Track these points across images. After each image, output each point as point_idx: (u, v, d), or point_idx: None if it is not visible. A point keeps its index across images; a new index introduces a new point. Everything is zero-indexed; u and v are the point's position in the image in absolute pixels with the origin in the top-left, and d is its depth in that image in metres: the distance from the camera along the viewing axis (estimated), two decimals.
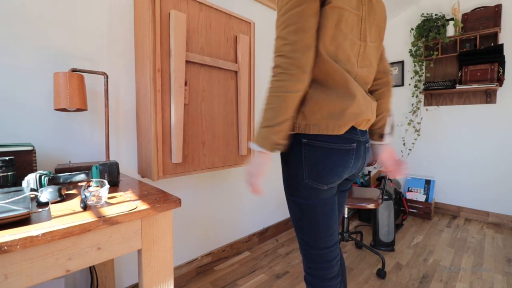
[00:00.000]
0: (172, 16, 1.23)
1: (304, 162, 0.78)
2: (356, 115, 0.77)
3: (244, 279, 1.69)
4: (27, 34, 1.07)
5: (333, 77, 0.75)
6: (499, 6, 2.51)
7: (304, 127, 0.77)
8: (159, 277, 0.76)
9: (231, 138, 1.60)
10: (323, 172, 0.77)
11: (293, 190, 0.81)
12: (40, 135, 1.12)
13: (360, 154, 0.83)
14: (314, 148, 0.76)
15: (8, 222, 0.54)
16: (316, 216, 0.80)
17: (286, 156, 0.83)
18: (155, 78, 1.21)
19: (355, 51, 0.79)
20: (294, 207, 0.83)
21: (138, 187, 0.91)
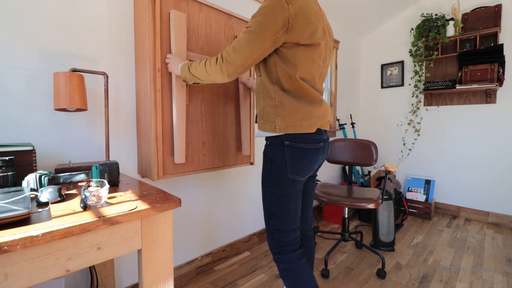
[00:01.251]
0: (172, 16, 1.23)
1: (287, 161, 0.98)
2: (321, 118, 1.01)
3: (244, 279, 1.69)
4: (27, 34, 1.07)
5: (303, 90, 0.98)
6: (499, 6, 2.51)
7: (284, 128, 0.97)
8: (159, 277, 0.76)
9: (232, 137, 1.60)
10: (302, 167, 0.99)
11: (275, 184, 1.00)
12: (40, 135, 1.12)
13: (325, 150, 1.08)
14: (295, 149, 0.98)
15: (8, 222, 0.54)
16: (289, 203, 1.01)
17: (272, 156, 1.01)
18: (155, 78, 1.21)
19: (318, 72, 1.02)
20: (271, 197, 1.02)
21: (138, 187, 0.90)
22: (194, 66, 1.06)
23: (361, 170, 3.23)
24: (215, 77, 1.01)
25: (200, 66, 1.04)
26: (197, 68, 1.05)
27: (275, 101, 0.98)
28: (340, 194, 1.87)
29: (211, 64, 1.00)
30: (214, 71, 0.99)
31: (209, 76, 1.02)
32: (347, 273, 1.78)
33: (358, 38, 3.46)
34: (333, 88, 3.05)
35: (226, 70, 0.96)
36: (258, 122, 1.06)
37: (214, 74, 1.00)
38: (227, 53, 0.95)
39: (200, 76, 1.05)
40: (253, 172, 2.12)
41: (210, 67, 1.00)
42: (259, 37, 0.90)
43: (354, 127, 3.32)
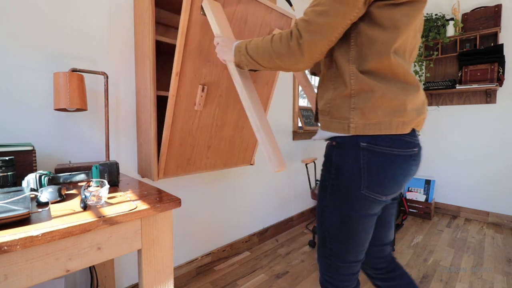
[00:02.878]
0: (206, 4, 1.01)
1: (363, 170, 0.69)
2: (418, 112, 0.70)
3: (244, 279, 1.69)
4: (27, 34, 1.07)
5: (395, 71, 0.67)
6: (499, 6, 2.51)
7: (363, 127, 0.68)
8: (159, 277, 0.76)
9: (239, 142, 1.57)
10: (384, 181, 0.69)
11: (342, 200, 0.74)
12: (40, 135, 1.12)
13: (420, 159, 0.76)
14: (375, 154, 0.68)
15: (8, 222, 0.54)
16: (357, 229, 0.75)
17: (339, 163, 0.73)
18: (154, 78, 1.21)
19: (412, 45, 0.73)
20: (333, 218, 0.77)
21: (138, 187, 0.90)
22: (254, 45, 0.77)
23: None
24: (285, 60, 0.70)
25: (264, 43, 0.74)
26: (258, 47, 0.75)
27: (351, 89, 0.69)
28: None
29: (281, 39, 0.70)
30: (286, 51, 0.69)
31: (276, 59, 0.71)
32: None
33: None
34: None
35: (307, 47, 0.66)
36: (321, 120, 0.80)
37: (285, 56, 0.69)
38: (307, 22, 0.65)
39: (261, 59, 0.75)
40: (253, 172, 2.12)
41: (279, 44, 0.70)
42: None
43: None
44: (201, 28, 1.10)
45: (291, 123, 2.46)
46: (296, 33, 0.67)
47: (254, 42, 0.78)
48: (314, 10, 0.65)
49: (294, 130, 2.47)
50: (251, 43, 0.78)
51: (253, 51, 0.77)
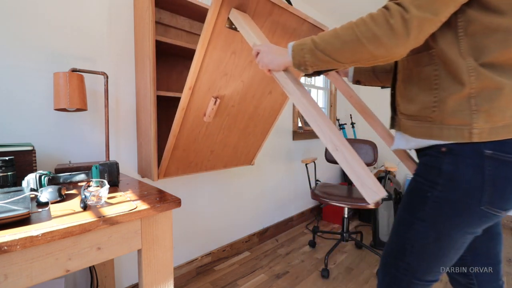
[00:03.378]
0: (234, 15, 0.89)
1: (487, 183, 0.59)
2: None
3: (244, 279, 1.69)
4: (27, 34, 1.07)
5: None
6: None
7: (489, 132, 0.57)
8: (159, 277, 0.76)
9: (242, 146, 1.57)
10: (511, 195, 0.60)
11: (449, 216, 0.63)
12: (40, 135, 1.12)
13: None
14: (503, 164, 0.58)
15: (8, 222, 0.54)
16: (452, 248, 0.66)
17: (453, 172, 0.62)
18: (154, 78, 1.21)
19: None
20: (427, 233, 0.67)
21: (138, 187, 0.90)
22: (326, 36, 0.62)
23: None
24: (382, 43, 0.55)
25: (343, 31, 0.59)
26: (334, 37, 0.60)
27: (470, 87, 0.58)
28: (340, 194, 1.87)
29: (373, 19, 0.56)
30: (384, 31, 0.54)
31: (367, 45, 0.56)
32: (347, 273, 1.78)
33: None
34: (333, 88, 3.05)
35: (416, 25, 0.53)
36: (414, 126, 0.68)
37: (382, 38, 0.54)
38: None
39: (340, 51, 0.60)
40: (253, 172, 2.12)
41: (372, 25, 0.55)
42: None
43: (354, 127, 3.32)
44: (224, 41, 1.01)
45: (291, 123, 2.46)
46: (398, 8, 0.53)
47: (323, 34, 0.63)
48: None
49: (294, 130, 2.47)
50: (319, 37, 0.64)
51: (326, 43, 0.61)
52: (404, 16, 0.53)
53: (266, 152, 2.21)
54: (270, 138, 2.25)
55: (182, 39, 1.56)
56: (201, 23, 1.63)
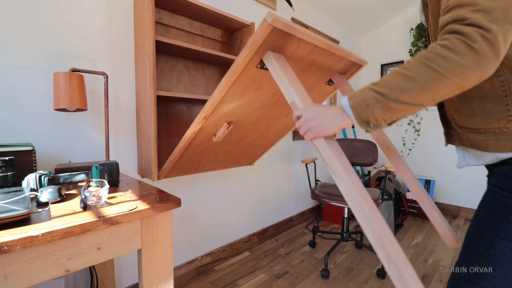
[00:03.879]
0: (270, 59, 0.76)
1: None
2: None
3: (244, 279, 1.69)
4: (27, 34, 1.07)
5: None
6: None
7: None
8: (159, 277, 0.76)
9: (246, 154, 1.57)
10: None
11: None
12: (40, 135, 1.12)
13: None
14: None
15: (8, 222, 0.54)
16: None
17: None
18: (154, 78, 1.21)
19: None
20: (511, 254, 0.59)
21: (138, 187, 0.90)
22: (395, 84, 0.53)
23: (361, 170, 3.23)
24: (470, 72, 0.48)
25: (417, 72, 0.51)
26: (408, 82, 0.52)
27: None
28: (340, 194, 1.87)
29: (449, 49, 0.48)
30: (469, 59, 0.47)
31: (453, 78, 0.49)
32: (347, 273, 1.78)
33: (358, 38, 3.46)
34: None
35: (502, 42, 0.47)
36: (490, 138, 0.61)
37: (469, 66, 0.48)
38: (483, 11, 0.47)
39: (419, 94, 0.51)
40: (253, 172, 2.12)
41: (453, 56, 0.48)
42: None
43: (354, 127, 3.32)
44: (250, 78, 0.91)
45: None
46: (476, 30, 0.47)
47: (387, 82, 0.54)
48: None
49: (294, 130, 2.47)
50: (382, 85, 0.54)
51: (399, 90, 0.52)
52: (487, 36, 0.46)
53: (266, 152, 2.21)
54: None
55: (182, 39, 1.56)
56: (201, 23, 1.63)
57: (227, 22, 1.61)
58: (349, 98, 0.58)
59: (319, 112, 0.63)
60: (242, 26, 1.67)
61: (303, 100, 0.69)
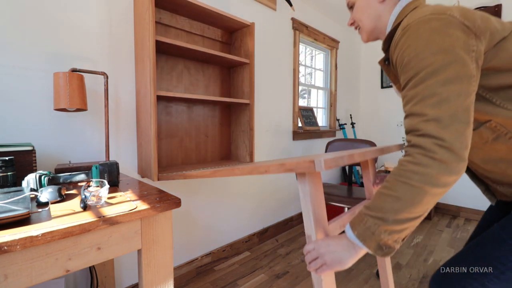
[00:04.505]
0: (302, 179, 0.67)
1: None
2: None
3: (244, 279, 1.69)
4: (27, 34, 1.07)
5: None
6: (499, 6, 2.51)
7: None
8: (159, 277, 0.76)
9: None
10: None
11: None
12: (40, 135, 1.12)
13: None
14: None
15: (8, 222, 0.54)
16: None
17: None
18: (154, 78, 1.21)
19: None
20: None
21: (138, 187, 0.90)
22: (388, 207, 0.55)
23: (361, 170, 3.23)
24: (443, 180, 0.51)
25: (401, 191, 0.53)
26: (397, 202, 0.54)
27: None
28: (340, 194, 1.87)
29: (420, 164, 0.52)
30: (438, 170, 0.51)
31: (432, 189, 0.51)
32: (347, 273, 1.78)
33: (358, 38, 3.46)
34: (333, 88, 3.05)
35: (460, 146, 0.51)
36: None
37: (441, 175, 0.51)
38: (435, 120, 0.52)
39: (414, 210, 0.53)
40: None
41: (422, 170, 0.52)
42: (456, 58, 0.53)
43: (354, 127, 3.32)
44: None
45: (291, 123, 2.46)
46: (431, 141, 0.51)
47: (378, 206, 0.56)
48: (426, 104, 0.53)
49: (294, 130, 2.47)
50: (376, 210, 0.56)
51: (394, 212, 0.54)
52: (443, 145, 0.50)
53: (266, 152, 2.21)
54: (270, 138, 2.25)
55: (182, 39, 1.56)
56: (201, 23, 1.63)
57: (227, 22, 1.61)
58: (352, 227, 0.59)
59: (331, 246, 0.62)
60: (242, 26, 1.67)
61: (319, 233, 0.66)
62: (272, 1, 2.16)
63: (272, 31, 2.20)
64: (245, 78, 1.71)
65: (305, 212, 0.67)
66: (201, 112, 1.69)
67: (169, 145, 1.53)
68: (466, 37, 0.55)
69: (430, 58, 0.54)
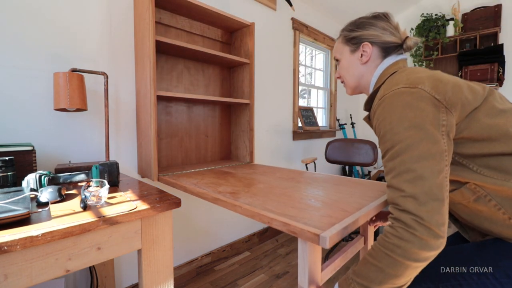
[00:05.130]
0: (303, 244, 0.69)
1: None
2: None
3: (244, 279, 1.69)
4: (27, 34, 1.07)
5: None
6: (499, 6, 2.51)
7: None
8: (159, 277, 0.76)
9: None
10: None
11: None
12: (40, 135, 1.12)
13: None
14: None
15: (8, 222, 0.54)
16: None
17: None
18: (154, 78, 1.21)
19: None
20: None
21: (138, 187, 0.90)
22: (372, 275, 0.57)
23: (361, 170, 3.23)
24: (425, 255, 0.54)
25: (384, 262, 0.56)
26: (380, 272, 0.56)
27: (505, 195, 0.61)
28: None
29: (402, 239, 0.54)
30: (419, 245, 0.53)
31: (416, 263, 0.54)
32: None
33: None
34: (333, 88, 3.05)
35: (437, 223, 0.54)
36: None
37: (422, 251, 0.53)
38: (412, 198, 0.55)
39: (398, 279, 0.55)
40: None
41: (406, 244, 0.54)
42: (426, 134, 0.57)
43: (354, 127, 3.32)
44: None
45: (291, 123, 2.46)
46: (411, 218, 0.54)
47: (365, 273, 0.58)
48: (403, 180, 0.56)
49: (294, 130, 2.47)
50: (362, 277, 0.58)
51: (377, 281, 0.56)
52: (422, 223, 0.53)
53: (266, 152, 2.21)
54: (270, 138, 2.25)
55: (182, 39, 1.56)
56: (201, 23, 1.63)
57: (227, 22, 1.61)
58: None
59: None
60: (242, 26, 1.67)
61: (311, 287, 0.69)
62: (272, 1, 2.16)
63: (272, 31, 2.20)
64: (245, 78, 1.71)
65: (301, 267, 0.69)
66: (201, 112, 1.69)
67: (169, 145, 1.53)
68: (437, 111, 0.58)
69: (403, 133, 0.58)
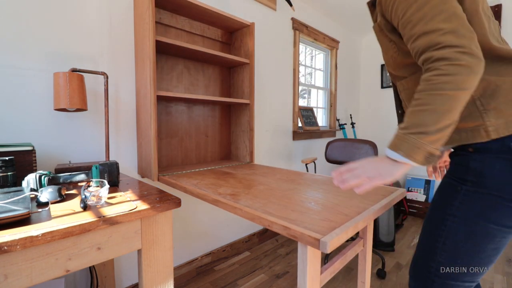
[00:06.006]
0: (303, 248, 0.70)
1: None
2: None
3: (244, 279, 1.69)
4: (27, 34, 1.07)
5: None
6: (499, 6, 2.51)
7: (506, 126, 0.61)
8: (159, 277, 0.76)
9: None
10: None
11: (482, 210, 0.63)
12: (40, 135, 1.12)
13: None
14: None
15: (8, 222, 0.54)
16: (486, 244, 0.64)
17: (481, 168, 0.64)
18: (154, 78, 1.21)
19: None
20: (456, 228, 0.66)
21: (138, 187, 0.90)
22: (427, 119, 0.58)
23: None
24: (470, 81, 0.56)
25: (434, 102, 0.57)
26: (434, 113, 0.57)
27: (480, 87, 0.63)
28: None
29: (450, 73, 0.56)
30: (466, 73, 0.55)
31: (462, 92, 0.56)
32: (347, 273, 1.78)
33: (358, 38, 3.46)
34: (333, 88, 3.05)
35: (477, 49, 0.56)
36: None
37: (468, 78, 0.55)
38: (451, 32, 0.56)
39: (448, 116, 0.57)
40: None
41: (454, 76, 0.55)
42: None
43: (354, 127, 3.32)
44: None
45: (291, 123, 2.46)
46: (453, 50, 0.56)
47: (416, 122, 0.59)
48: (439, 20, 0.58)
49: (294, 130, 2.47)
50: (415, 126, 0.59)
51: (433, 122, 0.57)
52: (465, 51, 0.55)
53: (266, 152, 2.21)
54: (270, 138, 2.25)
55: (182, 39, 1.56)
56: (201, 23, 1.63)
57: (227, 22, 1.61)
58: (394, 150, 0.62)
59: (377, 163, 0.65)
60: (242, 26, 1.67)
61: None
62: (272, 1, 2.16)
63: (272, 31, 2.20)
64: (245, 78, 1.71)
65: (301, 270, 0.69)
66: (201, 112, 1.69)
67: (169, 145, 1.53)
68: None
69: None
